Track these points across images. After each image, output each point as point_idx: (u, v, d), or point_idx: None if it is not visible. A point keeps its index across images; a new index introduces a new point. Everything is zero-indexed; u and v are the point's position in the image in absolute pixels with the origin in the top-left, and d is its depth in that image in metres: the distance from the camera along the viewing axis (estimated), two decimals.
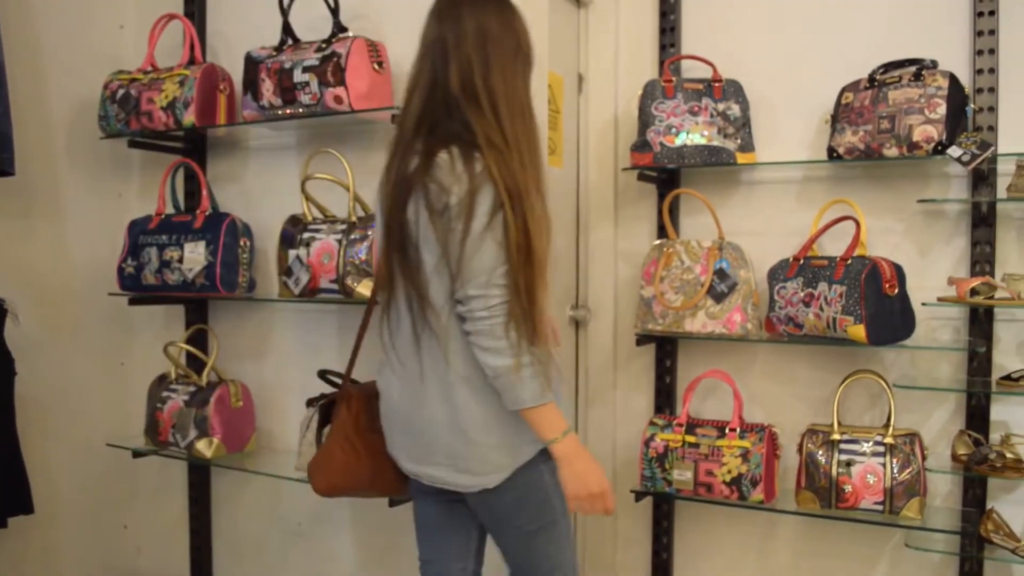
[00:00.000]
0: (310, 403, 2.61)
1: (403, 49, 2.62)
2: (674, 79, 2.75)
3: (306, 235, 2.55)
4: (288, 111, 2.59)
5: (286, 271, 2.56)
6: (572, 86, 3.05)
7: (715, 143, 2.68)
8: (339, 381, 2.54)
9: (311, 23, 2.68)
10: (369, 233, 2.46)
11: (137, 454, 2.93)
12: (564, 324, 2.98)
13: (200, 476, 3.10)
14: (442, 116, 1.81)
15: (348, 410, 2.07)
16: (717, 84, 2.73)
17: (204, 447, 2.73)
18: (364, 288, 2.42)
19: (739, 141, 2.72)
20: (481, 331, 1.73)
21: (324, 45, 2.54)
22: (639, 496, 2.81)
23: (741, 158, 2.71)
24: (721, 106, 2.72)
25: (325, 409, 2.48)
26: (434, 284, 1.78)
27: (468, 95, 1.78)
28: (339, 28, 2.57)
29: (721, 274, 2.67)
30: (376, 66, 2.54)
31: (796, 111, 2.79)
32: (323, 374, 2.55)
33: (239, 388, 2.84)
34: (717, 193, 2.85)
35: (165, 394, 2.85)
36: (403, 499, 2.36)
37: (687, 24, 2.94)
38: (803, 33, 2.80)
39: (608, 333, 3.06)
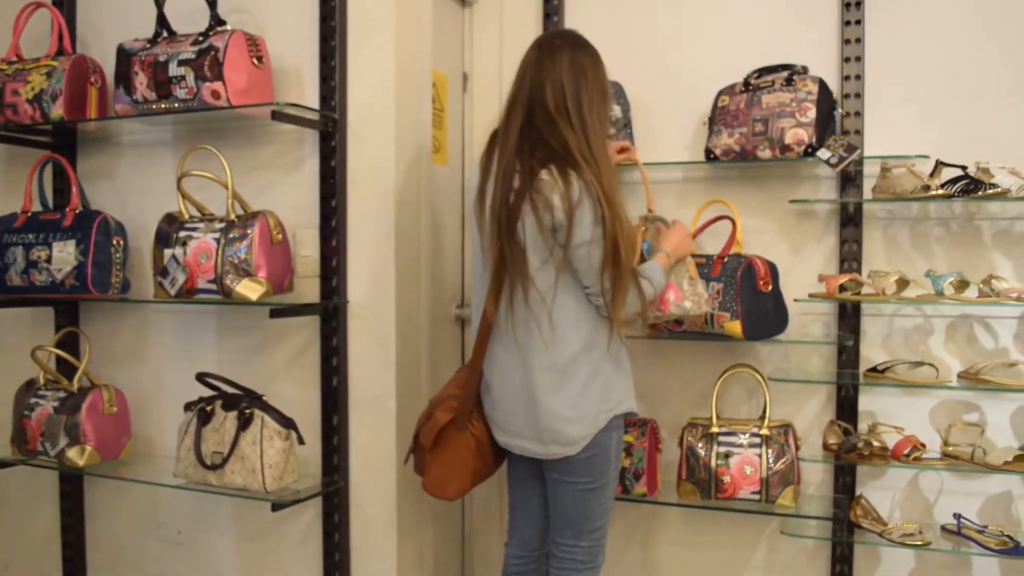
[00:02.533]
0: (188, 407, 2.54)
1: (283, 44, 2.59)
2: None
3: (182, 234, 2.47)
4: (163, 106, 2.50)
5: (161, 271, 2.48)
6: (457, 85, 3.05)
7: None
8: (219, 385, 2.49)
9: (187, 15, 2.59)
10: (249, 232, 2.40)
11: (3, 464, 2.78)
12: (450, 322, 2.97)
13: (72, 486, 2.97)
14: (540, 134, 2.11)
15: (479, 420, 2.28)
16: None
17: (76, 455, 2.62)
18: (244, 288, 2.36)
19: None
20: (601, 305, 2.13)
21: (201, 38, 2.46)
22: None
23: None
24: None
25: (203, 414, 2.44)
26: (539, 279, 2.10)
27: (562, 114, 2.10)
28: (217, 21, 2.50)
29: None
30: (255, 61, 2.48)
31: (675, 113, 2.86)
32: (202, 377, 2.48)
33: (113, 393, 2.73)
34: None
35: (33, 400, 2.71)
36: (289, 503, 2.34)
37: (570, 25, 2.97)
38: (682, 37, 2.87)
39: None
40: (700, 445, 2.62)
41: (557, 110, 2.10)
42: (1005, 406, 2.62)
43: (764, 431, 2.59)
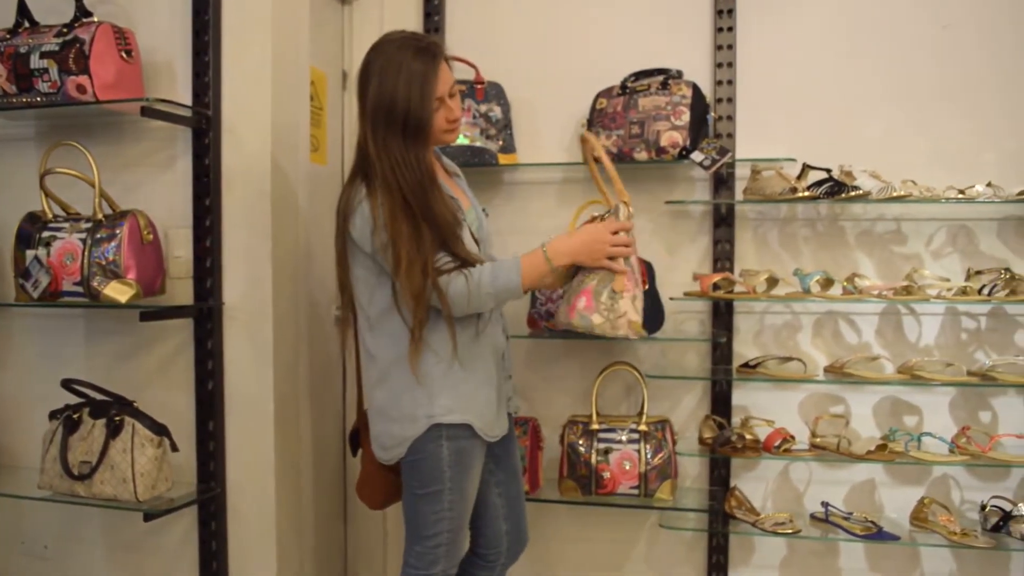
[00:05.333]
0: (54, 415, 2.43)
1: (155, 37, 2.51)
2: None
3: (46, 234, 2.37)
4: (24, 99, 2.39)
5: (23, 273, 2.36)
6: (336, 83, 3.01)
7: (477, 144, 2.73)
8: (86, 391, 2.39)
9: (51, 5, 2.48)
10: (117, 232, 2.31)
11: None
12: (329, 324, 2.93)
13: None
14: None
15: None
16: (480, 86, 2.79)
17: None
18: (112, 291, 2.27)
19: (501, 142, 2.79)
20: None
21: (65, 30, 2.36)
22: None
23: (503, 159, 2.78)
24: (483, 107, 2.78)
25: (70, 422, 2.34)
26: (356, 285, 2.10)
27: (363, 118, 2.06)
28: (83, 12, 2.40)
29: None
30: (124, 54, 2.39)
31: (555, 115, 2.90)
32: (68, 384, 2.38)
33: None
34: (481, 193, 2.89)
35: None
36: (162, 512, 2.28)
37: (451, 25, 2.98)
38: (562, 39, 2.91)
39: None
40: (580, 442, 2.66)
41: (360, 114, 2.06)
42: (868, 398, 2.76)
43: (642, 427, 2.64)
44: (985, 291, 2.50)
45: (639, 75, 2.72)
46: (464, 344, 2.05)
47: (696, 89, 2.64)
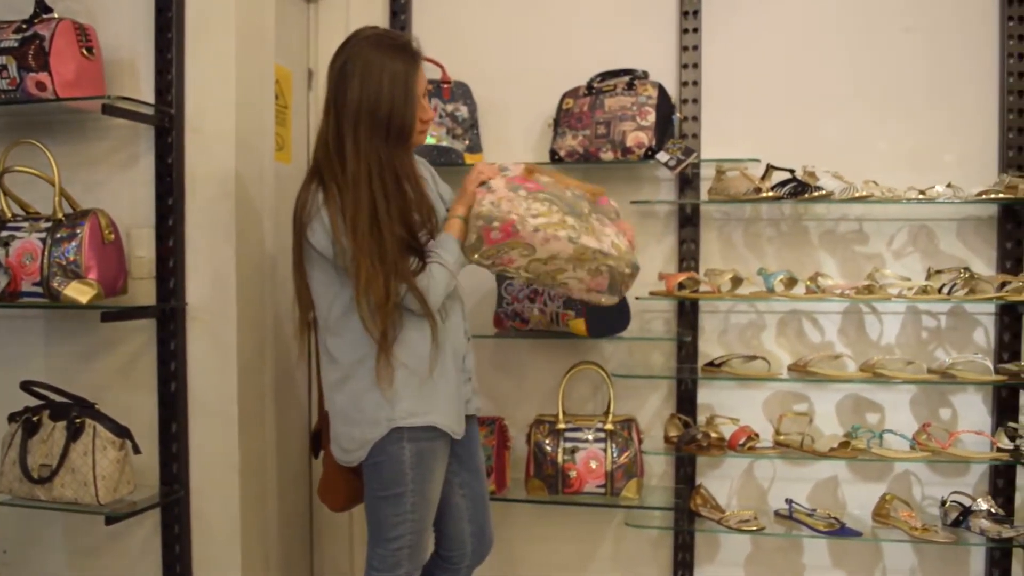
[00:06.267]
0: (13, 418, 2.39)
1: (116, 35, 2.48)
2: None
3: (4, 233, 2.32)
4: None
5: None
6: (302, 81, 2.99)
7: (444, 143, 2.73)
8: (46, 393, 2.36)
9: (9, 2, 2.44)
10: (78, 231, 2.28)
11: None
12: (295, 325, 2.91)
13: None
14: None
15: None
16: (446, 85, 2.78)
17: None
18: (73, 291, 2.24)
19: (467, 142, 2.78)
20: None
21: (24, 26, 2.33)
22: None
23: (469, 159, 2.78)
24: (450, 107, 2.77)
25: (30, 424, 2.30)
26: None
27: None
28: (43, 8, 2.36)
29: None
30: (85, 51, 2.36)
31: (522, 114, 2.90)
32: (27, 386, 2.34)
33: None
34: None
35: None
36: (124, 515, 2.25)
37: (417, 24, 2.97)
38: (528, 39, 2.92)
39: None
40: (547, 441, 2.67)
41: (330, 114, 2.01)
42: (831, 396, 2.79)
43: (608, 426, 2.65)
44: (945, 290, 2.55)
45: (605, 75, 2.73)
46: (425, 346, 2.02)
47: (662, 90, 2.66)
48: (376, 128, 1.95)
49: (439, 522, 2.25)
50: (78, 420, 2.30)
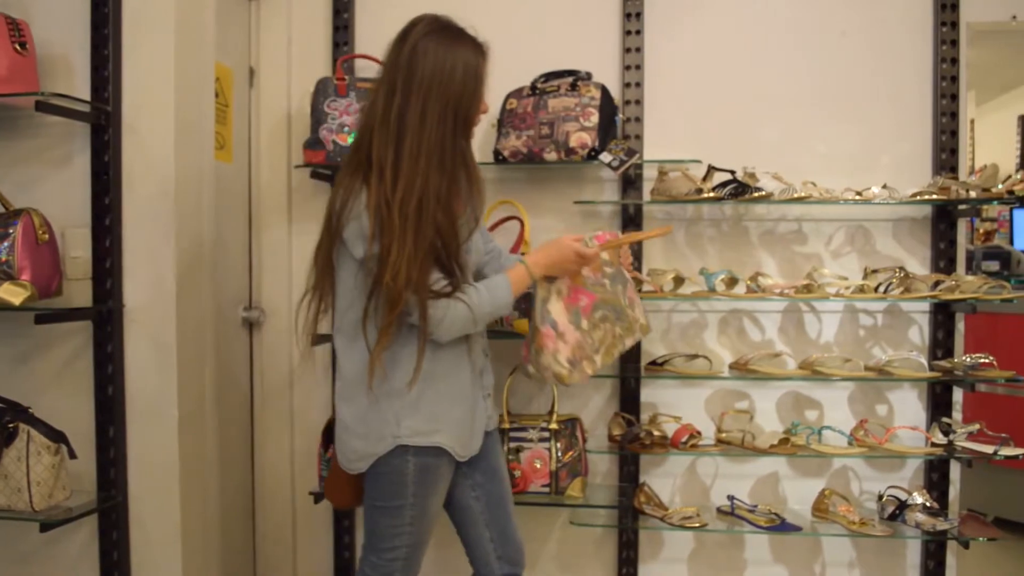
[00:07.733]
0: None
1: (51, 30, 2.43)
2: (347, 78, 2.74)
3: None
4: None
5: None
6: (243, 79, 2.95)
7: None
8: None
9: None
10: (11, 231, 2.22)
11: None
12: (236, 326, 2.87)
13: None
14: None
15: None
16: None
17: None
18: (5, 293, 2.17)
19: None
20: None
21: None
22: (318, 498, 2.77)
23: None
24: None
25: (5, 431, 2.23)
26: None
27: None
28: None
29: None
30: (18, 47, 2.30)
31: None
32: None
33: None
34: None
35: None
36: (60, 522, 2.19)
37: (360, 23, 2.94)
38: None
39: (284, 334, 2.98)
40: None
41: (392, 90, 1.96)
42: (771, 393, 2.83)
43: (553, 425, 2.66)
44: (881, 289, 2.60)
45: (549, 76, 2.73)
46: (441, 360, 1.99)
47: (605, 91, 2.67)
48: (445, 110, 1.91)
49: (458, 531, 2.23)
50: (11, 425, 2.25)
